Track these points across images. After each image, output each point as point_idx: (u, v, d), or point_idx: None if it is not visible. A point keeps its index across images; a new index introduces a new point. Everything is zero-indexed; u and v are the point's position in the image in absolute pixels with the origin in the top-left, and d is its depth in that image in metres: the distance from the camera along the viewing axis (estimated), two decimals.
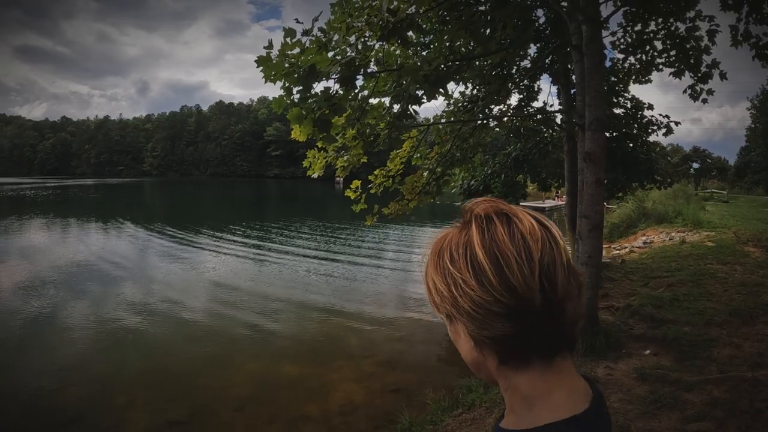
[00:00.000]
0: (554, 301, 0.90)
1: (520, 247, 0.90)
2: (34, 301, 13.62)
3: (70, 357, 9.77)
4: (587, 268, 7.63)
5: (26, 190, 74.69)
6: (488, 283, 0.89)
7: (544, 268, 0.90)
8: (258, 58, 6.25)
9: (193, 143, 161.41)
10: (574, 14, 7.92)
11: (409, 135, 10.35)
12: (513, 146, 14.28)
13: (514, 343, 0.92)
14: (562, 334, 0.94)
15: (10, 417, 7.50)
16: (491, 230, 0.93)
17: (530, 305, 0.89)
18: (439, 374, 8.94)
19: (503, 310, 0.89)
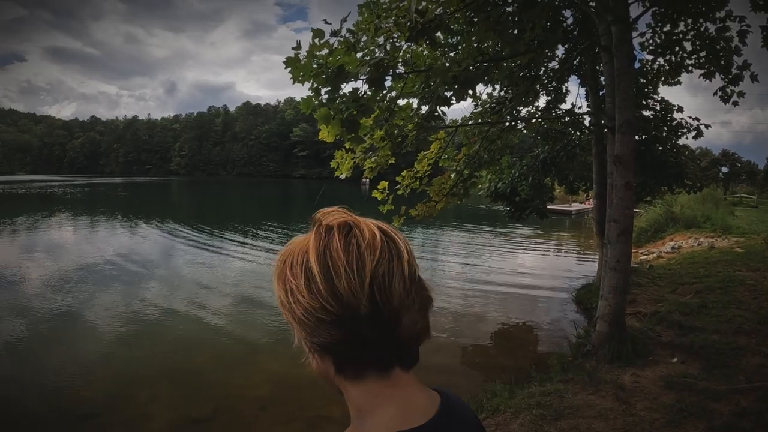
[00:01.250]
0: (386, 311, 0.90)
1: (352, 256, 0.91)
2: (59, 296, 13.75)
3: (93, 352, 9.84)
4: (615, 273, 7.52)
5: (55, 188, 75.71)
6: (317, 291, 0.90)
7: (377, 278, 0.90)
8: (286, 59, 6.25)
9: (220, 143, 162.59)
10: (603, 15, 7.82)
11: (437, 136, 10.31)
12: (540, 148, 14.15)
13: (346, 353, 0.93)
14: (397, 346, 0.95)
15: (35, 409, 7.56)
16: (328, 240, 0.93)
17: (355, 313, 0.89)
18: (461, 377, 8.89)
19: (329, 317, 0.90)
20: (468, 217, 35.12)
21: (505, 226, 29.61)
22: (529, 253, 21.65)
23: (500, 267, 18.01)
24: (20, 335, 10.69)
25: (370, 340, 0.91)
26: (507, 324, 11.67)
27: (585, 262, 19.36)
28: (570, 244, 25.04)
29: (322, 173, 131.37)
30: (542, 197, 14.31)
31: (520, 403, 6.15)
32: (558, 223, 33.36)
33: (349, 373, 0.96)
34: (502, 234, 27.50)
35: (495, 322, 11.80)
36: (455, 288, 14.83)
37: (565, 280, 15.75)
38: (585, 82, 12.17)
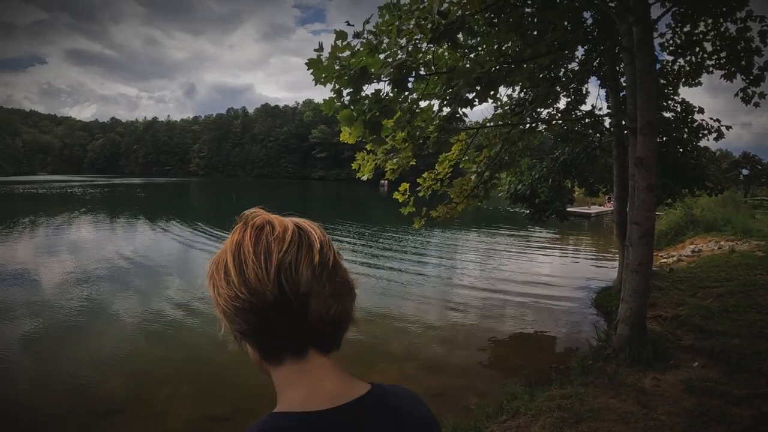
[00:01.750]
0: (293, 297, 0.95)
1: (261, 248, 0.97)
2: (79, 294, 13.91)
3: (112, 349, 9.93)
4: (637, 276, 7.46)
5: (75, 188, 76.70)
6: (231, 282, 0.97)
7: (284, 266, 0.95)
8: (309, 60, 6.28)
9: (238, 145, 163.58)
10: (623, 15, 7.76)
11: (458, 138, 10.29)
12: (561, 150, 14.08)
13: (261, 339, 1.01)
14: (309, 331, 0.99)
15: (55, 405, 7.64)
16: (242, 236, 1.01)
17: (263, 299, 0.94)
18: (481, 379, 8.85)
19: (242, 305, 0.96)
20: (486, 219, 35.01)
21: (524, 228, 29.51)
22: (547, 256, 21.56)
23: (519, 269, 17.94)
24: (40, 332, 10.83)
25: (279, 326, 0.97)
26: (526, 326, 11.63)
27: (604, 265, 19.24)
28: (589, 247, 24.86)
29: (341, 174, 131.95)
30: (562, 199, 14.25)
31: (541, 405, 6.12)
32: (577, 225, 33.16)
33: (270, 358, 1.03)
34: (520, 236, 27.34)
35: (514, 324, 11.78)
36: (474, 290, 14.81)
37: (585, 283, 15.65)
38: (605, 83, 12.09)
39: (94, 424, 7.19)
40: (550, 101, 11.36)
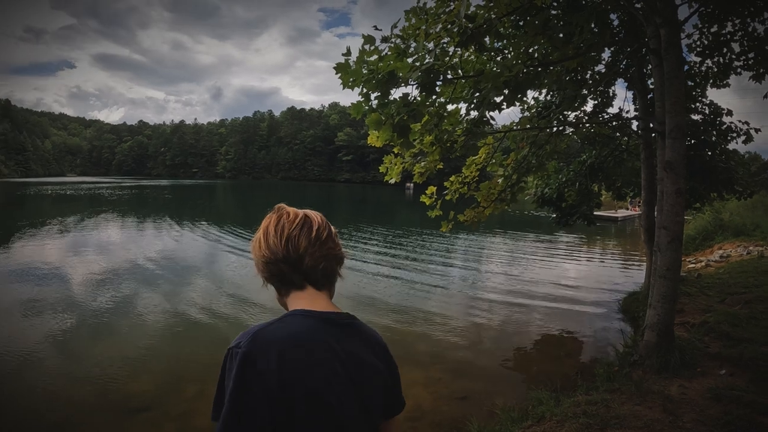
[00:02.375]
0: (293, 255, 1.62)
1: (279, 227, 1.66)
2: (107, 292, 14.09)
3: (140, 347, 10.02)
4: (665, 282, 7.36)
5: (103, 189, 77.61)
6: (261, 246, 1.67)
7: (291, 238, 1.63)
8: (337, 64, 6.33)
9: (265, 147, 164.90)
10: (651, 17, 7.65)
11: (485, 141, 10.26)
12: (588, 154, 13.95)
13: (277, 279, 1.68)
14: (305, 273, 1.64)
15: (84, 401, 7.72)
16: (269, 220, 1.71)
17: (277, 256, 1.62)
18: (506, 383, 8.80)
19: (265, 260, 1.65)
20: (512, 223, 34.83)
21: (550, 232, 29.37)
22: (574, 260, 21.40)
23: (545, 273, 17.83)
24: (69, 329, 10.97)
25: (285, 272, 1.64)
26: (552, 331, 11.53)
27: (631, 269, 19.05)
28: (616, 252, 24.62)
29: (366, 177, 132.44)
30: (589, 203, 14.12)
31: (566, 411, 6.07)
32: (604, 229, 32.88)
33: (283, 291, 1.71)
34: (546, 240, 27.19)
35: (539, 328, 11.70)
36: (499, 293, 14.73)
37: (611, 288, 15.50)
38: (632, 86, 11.95)
39: (123, 421, 7.26)
40: (577, 104, 11.25)
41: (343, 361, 1.54)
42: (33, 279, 15.60)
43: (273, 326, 1.51)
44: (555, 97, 11.60)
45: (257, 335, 1.46)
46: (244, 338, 1.46)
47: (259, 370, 1.39)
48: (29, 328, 10.96)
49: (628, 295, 13.54)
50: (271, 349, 1.42)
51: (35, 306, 12.61)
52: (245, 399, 1.38)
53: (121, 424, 7.19)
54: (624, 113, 12.55)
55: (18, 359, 9.30)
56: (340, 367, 1.52)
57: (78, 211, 40.90)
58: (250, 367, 1.40)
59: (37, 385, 8.26)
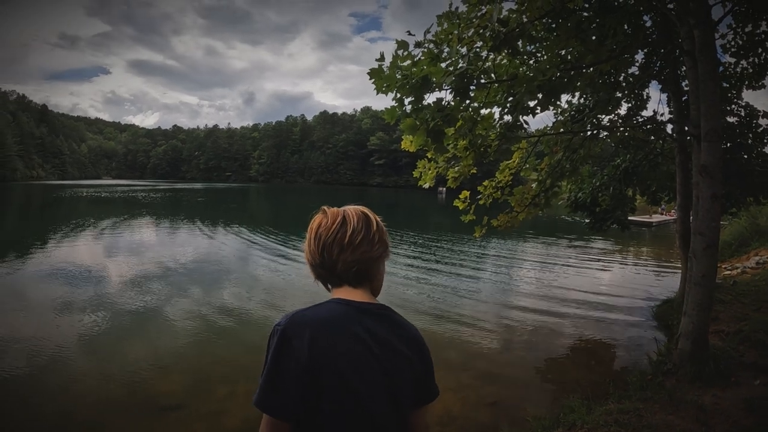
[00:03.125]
0: (327, 261, 1.76)
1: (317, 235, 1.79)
2: (139, 293, 14.33)
3: (171, 347, 10.17)
4: (700, 289, 7.21)
5: (138, 192, 79.09)
6: (306, 251, 1.84)
7: (326, 246, 1.76)
8: (371, 70, 6.35)
9: (297, 151, 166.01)
10: (684, 18, 7.49)
11: (519, 146, 10.20)
12: (622, 158, 13.74)
13: (322, 280, 1.85)
14: (339, 276, 1.78)
15: (116, 398, 7.83)
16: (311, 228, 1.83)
17: (315, 262, 1.80)
18: (537, 390, 8.72)
19: (309, 263, 1.83)
20: (544, 228, 34.51)
21: (583, 237, 29.05)
22: (607, 266, 21.12)
23: (577, 280, 17.63)
24: (100, 328, 11.18)
25: (322, 274, 1.82)
26: (584, 338, 11.40)
27: (666, 276, 18.78)
28: (650, 258, 24.25)
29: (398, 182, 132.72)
30: (623, 208, 13.93)
31: (598, 419, 6.02)
32: (637, 235, 32.44)
33: (326, 287, 1.86)
34: (579, 246, 26.88)
35: (572, 335, 11.57)
36: (531, 299, 14.62)
37: (645, 295, 15.27)
38: (666, 88, 11.73)
39: (153, 419, 7.35)
40: (611, 107, 11.08)
41: (374, 350, 1.64)
42: (66, 278, 15.96)
43: (311, 310, 1.68)
44: (588, 100, 11.44)
45: (295, 316, 1.64)
46: (285, 319, 1.64)
47: (294, 347, 1.56)
48: (62, 327, 11.17)
49: (662, 303, 13.33)
50: (305, 329, 1.58)
51: (68, 305, 12.88)
52: (280, 372, 1.56)
53: (151, 422, 7.28)
54: (658, 116, 12.30)
55: (50, 356, 9.48)
56: (370, 355, 1.64)
57: (112, 213, 41.71)
58: (287, 344, 1.57)
59: (68, 383, 8.41)
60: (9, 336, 10.50)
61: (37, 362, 9.22)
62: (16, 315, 12.10)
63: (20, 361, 9.21)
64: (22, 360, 9.28)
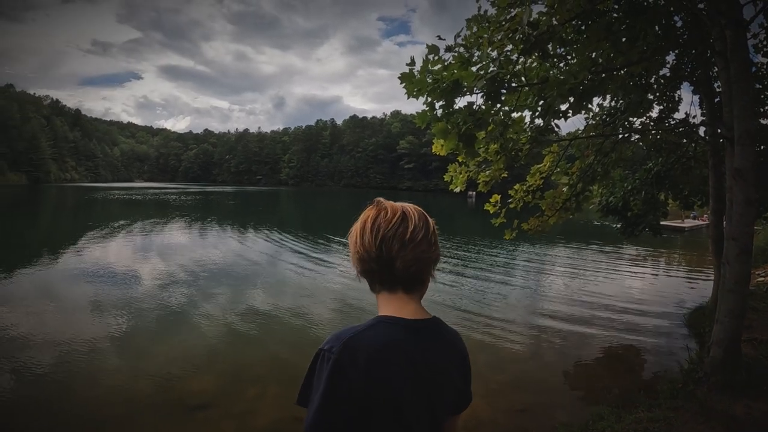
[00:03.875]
0: (385, 256, 1.58)
1: (375, 225, 1.61)
2: (169, 293, 14.56)
3: (202, 347, 10.29)
4: (733, 296, 7.04)
5: (169, 195, 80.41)
6: (357, 242, 1.64)
7: (385, 239, 1.58)
8: (401, 74, 6.39)
9: (327, 155, 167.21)
10: (715, 18, 7.32)
11: (550, 149, 10.14)
12: (654, 161, 13.54)
13: (369, 277, 1.67)
14: (395, 276, 1.61)
15: (147, 397, 7.94)
16: (367, 216, 1.66)
17: (370, 256, 1.60)
18: (566, 397, 8.64)
19: (359, 256, 1.64)
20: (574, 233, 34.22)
21: (613, 242, 28.80)
22: (638, 272, 20.90)
23: (608, 285, 17.47)
24: (133, 326, 11.41)
25: (376, 271, 1.62)
26: (614, 345, 11.27)
27: (698, 283, 18.49)
28: (682, 264, 23.96)
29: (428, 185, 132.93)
30: (656, 212, 13.74)
31: (627, 428, 6.01)
32: (670, 240, 32.01)
33: (374, 288, 1.69)
34: (609, 251, 26.70)
35: (601, 342, 11.44)
36: (560, 305, 14.51)
37: (677, 302, 15.05)
38: (698, 89, 11.53)
39: (183, 417, 7.44)
40: (643, 110, 10.91)
41: (422, 372, 1.59)
42: (99, 278, 16.30)
43: (362, 334, 1.54)
44: (620, 102, 11.28)
45: (348, 343, 1.51)
46: (336, 344, 1.52)
47: (348, 376, 1.47)
48: (95, 324, 11.42)
49: (694, 310, 13.16)
50: (360, 357, 1.48)
51: (101, 303, 13.17)
52: (334, 401, 1.48)
53: (182, 420, 7.37)
54: (690, 118, 12.10)
55: (83, 352, 9.69)
56: (421, 382, 1.59)
57: (144, 215, 42.49)
58: (340, 374, 1.48)
59: (100, 378, 8.58)
60: (45, 332, 10.74)
61: (70, 358, 9.42)
62: (51, 312, 12.38)
63: (54, 357, 9.41)
64: (56, 355, 9.49)
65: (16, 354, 9.49)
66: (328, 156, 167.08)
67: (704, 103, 11.40)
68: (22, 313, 12.07)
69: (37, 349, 9.75)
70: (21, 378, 8.53)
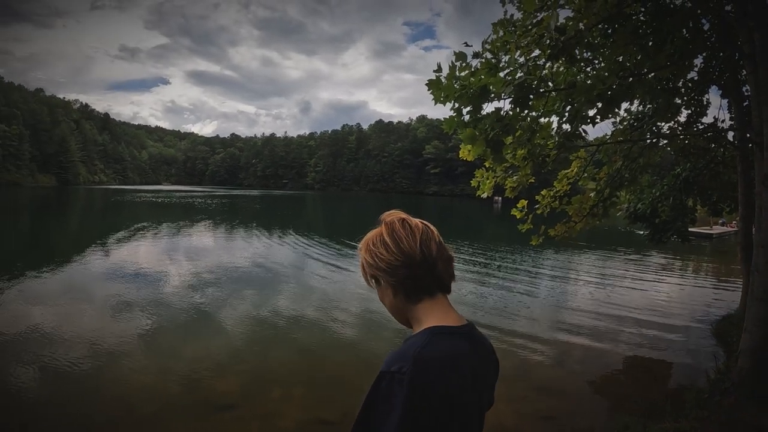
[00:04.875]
0: (429, 259, 1.57)
1: (408, 231, 1.60)
2: (196, 295, 14.74)
3: (228, 348, 10.39)
4: (762, 304, 6.91)
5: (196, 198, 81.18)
6: (390, 251, 1.58)
7: (423, 241, 1.59)
8: (428, 81, 6.40)
9: (353, 160, 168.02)
10: (743, 20, 7.17)
11: (577, 155, 10.15)
12: (682, 167, 13.34)
13: (411, 285, 1.59)
14: (438, 280, 1.60)
15: (173, 396, 8.05)
16: (392, 226, 1.63)
17: (414, 260, 1.56)
18: (591, 405, 8.57)
19: (400, 263, 1.57)
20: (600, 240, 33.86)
21: (639, 249, 28.55)
22: (664, 280, 20.57)
23: (633, 293, 17.26)
24: (160, 326, 11.58)
25: (421, 276, 1.57)
26: (639, 353, 11.13)
27: (726, 291, 18.20)
28: (710, 271, 23.63)
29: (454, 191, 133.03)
30: (684, 219, 13.54)
31: None
32: (697, 247, 31.58)
33: (413, 298, 1.61)
34: (635, 258, 26.37)
35: (627, 350, 11.31)
36: (585, 312, 14.34)
37: (704, 310, 14.82)
38: (727, 93, 11.33)
39: (210, 417, 7.51)
40: (670, 114, 10.75)
41: (478, 377, 1.62)
42: (127, 278, 16.66)
43: (428, 348, 1.48)
44: (647, 107, 11.12)
45: (418, 359, 1.44)
46: (404, 363, 1.44)
47: (425, 394, 1.42)
48: (122, 324, 11.60)
49: (722, 318, 12.98)
50: (431, 373, 1.44)
51: (129, 302, 13.43)
52: (414, 422, 1.40)
53: (208, 419, 7.44)
54: (719, 123, 11.90)
55: (111, 352, 9.84)
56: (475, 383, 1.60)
57: (172, 217, 43.14)
58: (418, 393, 1.40)
59: (128, 376, 8.73)
60: (74, 330, 10.95)
61: (99, 355, 9.60)
62: (80, 311, 12.64)
63: (84, 355, 9.58)
64: (85, 353, 9.66)
65: (47, 351, 9.66)
66: (354, 160, 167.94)
67: (733, 108, 11.23)
68: (53, 312, 12.30)
69: (67, 347, 9.93)
70: (52, 374, 8.68)
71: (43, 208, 55.08)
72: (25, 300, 13.45)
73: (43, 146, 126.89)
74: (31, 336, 10.54)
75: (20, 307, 12.74)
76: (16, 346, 9.94)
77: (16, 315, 12.05)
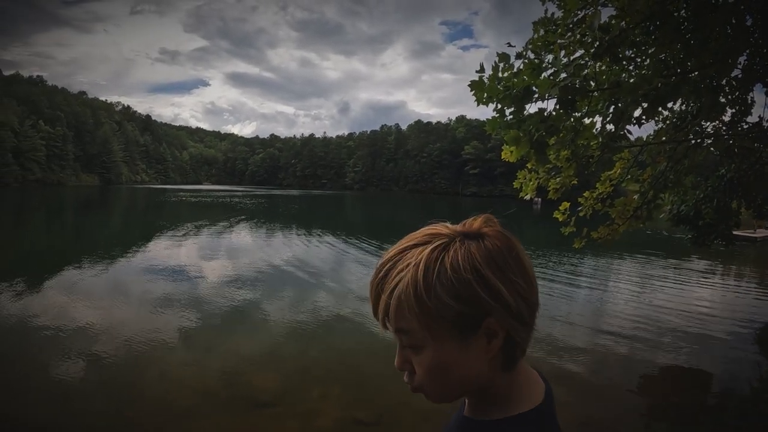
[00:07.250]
0: (536, 303, 1.00)
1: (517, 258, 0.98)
2: (235, 293, 14.97)
3: (267, 346, 10.54)
4: None
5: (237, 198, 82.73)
6: (529, 282, 0.98)
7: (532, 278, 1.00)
8: (471, 82, 6.35)
9: (392, 160, 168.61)
10: None
11: (621, 156, 10.00)
12: (726, 168, 13.00)
13: (525, 338, 1.01)
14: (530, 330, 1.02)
15: (209, 392, 8.15)
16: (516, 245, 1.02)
17: (531, 308, 0.98)
18: (630, 412, 8.39)
19: (534, 301, 0.99)
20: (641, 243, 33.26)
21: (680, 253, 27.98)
22: (705, 285, 20.17)
23: (674, 299, 16.84)
24: (199, 323, 11.81)
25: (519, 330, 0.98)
26: (680, 360, 10.93)
27: None
28: (753, 276, 23.11)
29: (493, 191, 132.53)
30: (728, 221, 13.22)
31: None
32: (740, 251, 30.81)
33: (513, 362, 1.03)
34: (676, 263, 25.90)
35: (667, 356, 11.10)
36: (625, 317, 14.12)
37: (747, 317, 14.45)
38: None
39: (249, 413, 7.58)
40: (715, 114, 10.46)
41: None
42: (169, 275, 17.13)
43: None
44: (691, 106, 10.85)
45: None
46: None
47: None
48: (163, 319, 11.91)
49: (765, 326, 12.80)
50: None
51: (170, 299, 13.75)
52: None
53: (247, 416, 7.51)
54: (764, 122, 11.55)
55: (151, 346, 10.09)
56: None
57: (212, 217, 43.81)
58: None
59: (168, 372, 8.91)
60: (115, 325, 11.24)
61: (140, 350, 9.83)
62: (122, 306, 13.03)
63: (124, 349, 9.83)
64: (126, 347, 9.91)
65: (89, 345, 9.91)
66: (393, 161, 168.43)
67: None
68: (95, 307, 12.68)
69: (108, 341, 10.17)
70: (93, 368, 8.90)
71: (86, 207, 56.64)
72: (72, 294, 13.83)
73: (86, 147, 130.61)
74: (76, 329, 10.83)
75: (67, 301, 13.09)
76: (62, 339, 10.21)
77: (63, 308, 12.40)
